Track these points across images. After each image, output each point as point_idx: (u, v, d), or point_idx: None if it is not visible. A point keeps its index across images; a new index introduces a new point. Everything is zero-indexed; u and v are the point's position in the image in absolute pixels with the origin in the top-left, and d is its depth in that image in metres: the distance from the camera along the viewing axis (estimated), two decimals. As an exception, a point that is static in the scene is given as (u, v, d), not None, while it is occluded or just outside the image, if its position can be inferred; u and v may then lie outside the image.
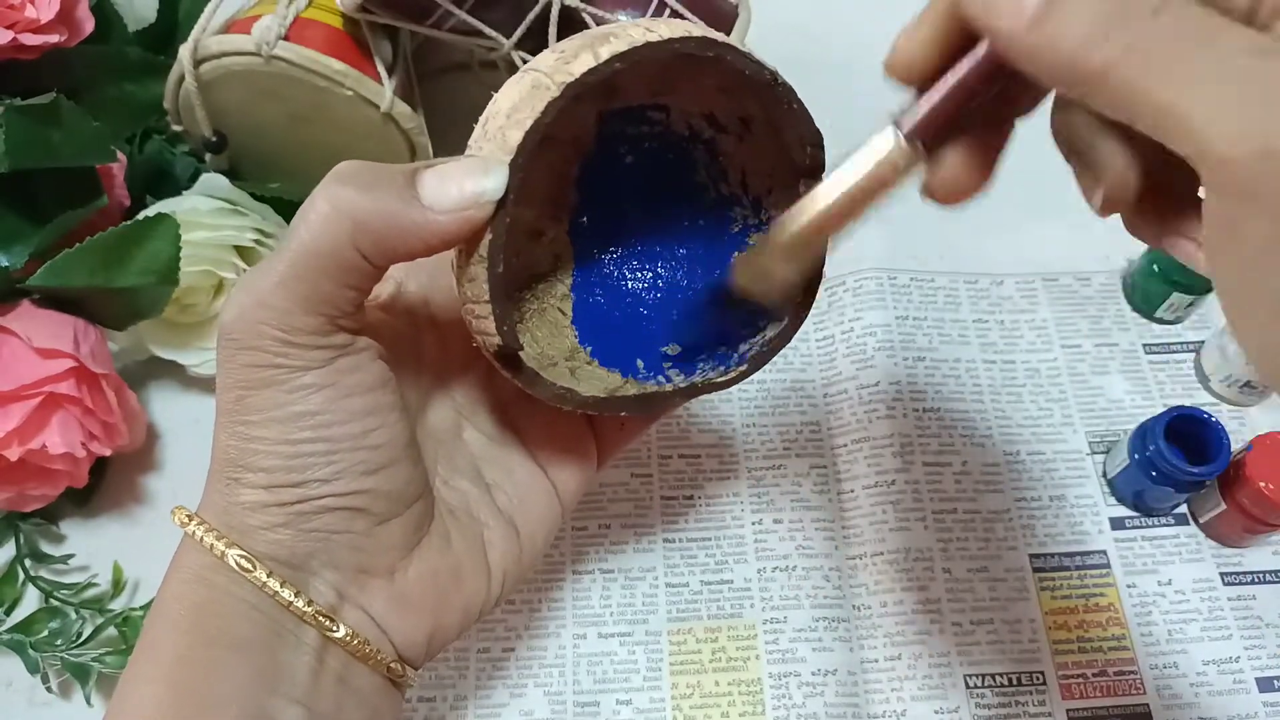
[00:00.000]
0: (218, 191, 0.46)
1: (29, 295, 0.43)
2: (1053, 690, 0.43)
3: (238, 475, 0.26)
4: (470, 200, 0.25)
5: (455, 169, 0.25)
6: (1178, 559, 0.45)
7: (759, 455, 0.47)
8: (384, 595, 0.29)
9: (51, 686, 0.41)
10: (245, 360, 0.26)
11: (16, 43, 0.41)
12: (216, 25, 0.45)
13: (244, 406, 0.26)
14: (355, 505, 0.27)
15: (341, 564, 0.28)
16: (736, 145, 0.32)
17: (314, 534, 0.27)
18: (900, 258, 0.52)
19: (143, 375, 0.49)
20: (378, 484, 0.27)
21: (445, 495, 0.31)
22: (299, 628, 0.27)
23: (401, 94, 0.47)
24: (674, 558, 0.45)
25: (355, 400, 0.27)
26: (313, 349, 0.26)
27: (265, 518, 0.27)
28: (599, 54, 0.25)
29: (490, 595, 0.31)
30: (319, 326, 0.26)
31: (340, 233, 0.25)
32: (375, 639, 0.28)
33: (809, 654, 0.43)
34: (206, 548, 0.26)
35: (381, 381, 0.28)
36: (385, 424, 0.27)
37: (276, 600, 0.26)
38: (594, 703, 0.42)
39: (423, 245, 0.25)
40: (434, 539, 0.30)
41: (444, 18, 0.44)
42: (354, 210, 0.25)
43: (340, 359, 0.26)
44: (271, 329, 0.25)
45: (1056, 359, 0.50)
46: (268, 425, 0.26)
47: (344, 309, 0.26)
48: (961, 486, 0.47)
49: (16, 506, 0.43)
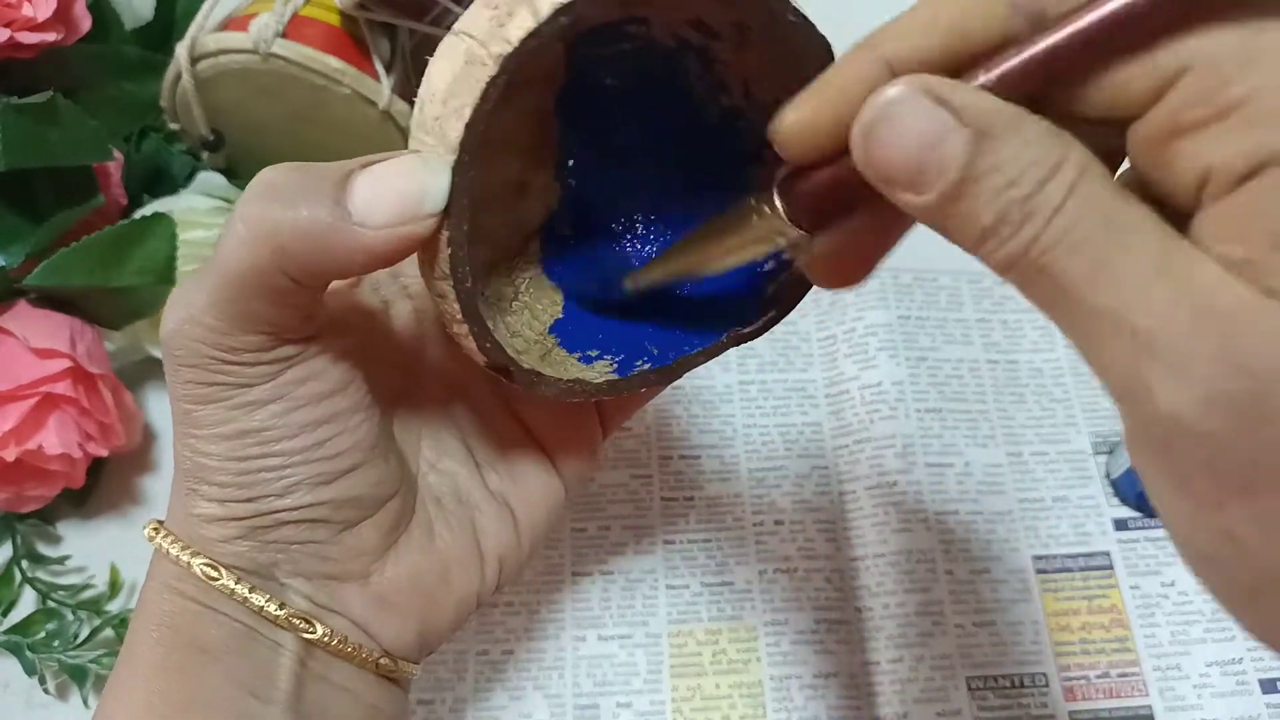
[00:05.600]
0: (215, 190, 0.46)
1: (25, 295, 0.42)
2: (1055, 692, 0.42)
3: (195, 486, 0.25)
4: (407, 214, 0.22)
5: (389, 171, 0.22)
6: (1180, 560, 0.45)
7: (760, 456, 0.47)
8: (360, 599, 0.27)
9: (49, 688, 0.41)
10: (186, 375, 0.24)
11: (13, 41, 0.41)
12: (214, 23, 0.45)
13: (192, 420, 0.25)
14: (314, 517, 0.26)
15: (309, 572, 0.26)
16: (734, 53, 0.27)
17: (273, 545, 0.26)
18: (903, 256, 0.51)
19: (140, 376, 0.48)
20: (338, 493, 0.26)
21: (432, 480, 0.30)
22: (274, 631, 0.26)
23: (400, 92, 0.47)
24: (674, 559, 0.45)
25: (308, 411, 0.25)
26: (255, 365, 0.24)
27: (222, 530, 0.25)
28: (538, 9, 0.21)
29: (486, 584, 0.30)
30: (260, 344, 0.24)
31: (261, 257, 0.22)
32: (357, 638, 0.27)
33: (810, 656, 0.43)
34: (173, 559, 0.25)
35: (340, 386, 0.25)
36: (345, 429, 0.26)
37: (247, 606, 0.25)
38: (593, 705, 0.42)
39: (358, 267, 0.22)
40: (414, 535, 0.28)
41: (443, 15, 0.44)
42: (274, 233, 0.22)
43: (288, 370, 0.24)
44: (207, 347, 0.23)
45: (1060, 359, 0.50)
46: (215, 441, 0.25)
47: (287, 324, 0.24)
48: (964, 488, 0.46)
49: (13, 507, 0.43)
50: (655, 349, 0.29)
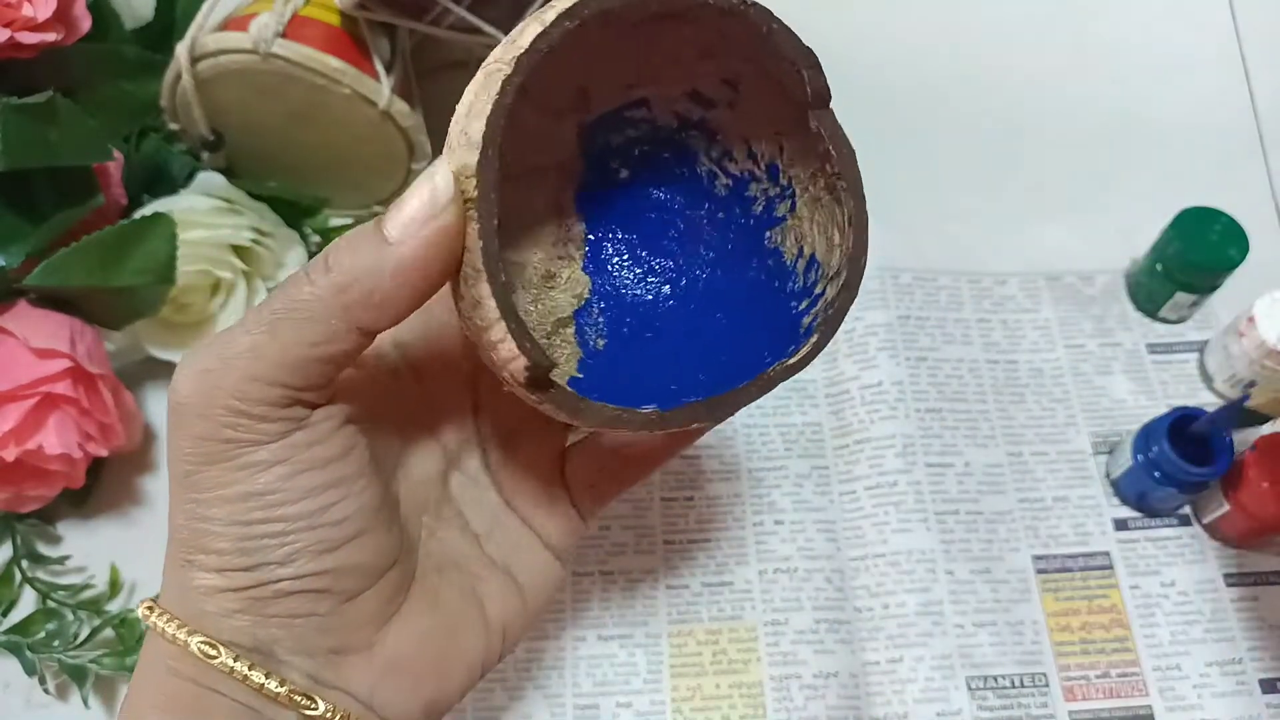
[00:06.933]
0: (215, 190, 0.46)
1: (25, 295, 0.42)
2: (1055, 692, 0.42)
3: (192, 557, 0.25)
4: (425, 210, 0.23)
5: (408, 194, 0.23)
6: (1181, 560, 0.45)
7: (760, 456, 0.47)
8: (364, 671, 0.27)
9: (49, 688, 0.41)
10: (196, 430, 0.24)
11: (13, 41, 0.41)
12: (214, 23, 0.45)
13: (193, 483, 0.24)
14: (316, 587, 0.25)
15: (311, 649, 0.26)
16: (730, 115, 0.29)
17: (275, 620, 0.25)
18: (903, 257, 0.52)
19: (139, 376, 0.48)
20: (340, 561, 0.26)
21: (432, 548, 0.30)
22: (275, 710, 0.25)
23: (400, 92, 0.47)
24: (674, 559, 0.45)
25: (313, 475, 0.25)
26: (266, 421, 0.24)
27: (222, 603, 0.25)
28: (545, 19, 0.23)
29: (491, 652, 0.29)
30: (277, 398, 0.24)
31: (327, 301, 0.23)
32: (360, 715, 0.27)
33: (810, 656, 0.43)
34: (169, 638, 0.25)
35: (344, 451, 0.26)
36: (349, 495, 0.26)
37: (247, 685, 0.25)
38: (593, 705, 0.42)
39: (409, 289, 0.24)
40: (416, 603, 0.28)
41: (442, 15, 0.44)
42: (341, 283, 0.23)
43: (297, 432, 0.25)
44: (225, 395, 0.24)
45: (1059, 359, 0.50)
46: (217, 504, 0.24)
47: (313, 382, 0.24)
48: (964, 487, 0.46)
49: (13, 507, 0.43)
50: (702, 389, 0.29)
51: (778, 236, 0.30)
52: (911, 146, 0.56)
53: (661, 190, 0.32)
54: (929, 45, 0.60)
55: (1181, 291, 0.49)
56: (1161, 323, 0.51)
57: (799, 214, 0.29)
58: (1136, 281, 0.51)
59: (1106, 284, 0.52)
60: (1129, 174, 0.56)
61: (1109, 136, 0.57)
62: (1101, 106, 0.58)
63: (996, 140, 0.57)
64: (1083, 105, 0.58)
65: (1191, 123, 0.58)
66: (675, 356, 0.31)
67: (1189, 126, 0.58)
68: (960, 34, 0.61)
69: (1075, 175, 0.56)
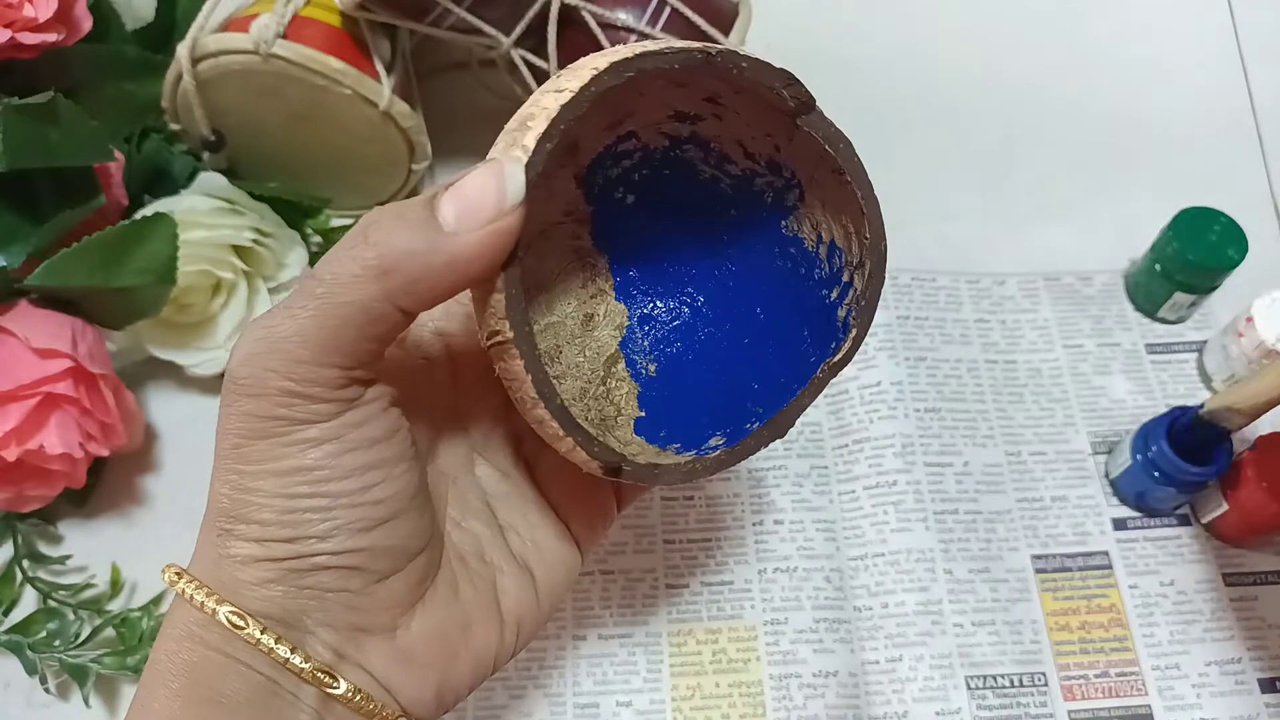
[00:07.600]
0: (216, 190, 0.46)
1: (27, 295, 0.42)
2: (1054, 691, 0.42)
3: (230, 526, 0.25)
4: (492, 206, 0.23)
5: (471, 182, 0.24)
6: (1180, 560, 0.45)
7: (759, 456, 0.47)
8: (384, 653, 0.27)
9: (50, 687, 0.41)
10: (247, 408, 0.24)
11: (14, 41, 0.41)
12: (214, 24, 0.45)
13: (241, 455, 0.25)
14: (352, 564, 0.26)
15: (337, 623, 0.26)
16: (718, 124, 0.30)
17: (307, 591, 0.26)
18: (902, 257, 0.52)
19: (141, 375, 0.48)
20: (376, 540, 0.26)
21: (456, 538, 0.30)
22: (296, 685, 0.26)
23: (400, 92, 0.47)
24: (674, 559, 0.45)
25: (359, 455, 0.25)
26: (319, 401, 0.25)
27: (257, 573, 0.25)
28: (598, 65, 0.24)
29: (504, 646, 0.30)
30: (331, 379, 0.24)
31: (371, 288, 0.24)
32: (378, 695, 0.27)
33: (810, 655, 0.43)
34: (197, 605, 0.25)
35: (390, 432, 0.26)
36: (390, 477, 0.26)
37: (272, 657, 0.25)
38: (594, 704, 0.42)
39: (460, 278, 0.24)
40: (440, 591, 0.29)
41: (443, 16, 0.44)
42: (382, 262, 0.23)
43: (348, 412, 0.25)
44: (279, 377, 0.24)
45: (1058, 359, 0.50)
46: (264, 477, 0.25)
47: (362, 360, 0.25)
48: (963, 487, 0.46)
49: (14, 507, 0.43)
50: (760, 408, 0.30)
51: (793, 224, 0.30)
52: (910, 146, 0.57)
53: (671, 204, 0.32)
54: (928, 45, 0.60)
55: (1180, 291, 0.49)
56: (1160, 323, 0.51)
57: (809, 202, 0.29)
58: (1135, 281, 0.51)
59: (1105, 284, 0.52)
60: (1128, 174, 0.56)
61: (1108, 136, 0.57)
62: (1100, 106, 0.58)
63: (995, 140, 0.57)
64: (1081, 105, 0.58)
65: (1190, 123, 0.58)
66: (726, 364, 0.31)
67: (1188, 127, 0.58)
68: (959, 34, 0.61)
69: (1074, 175, 0.56)
